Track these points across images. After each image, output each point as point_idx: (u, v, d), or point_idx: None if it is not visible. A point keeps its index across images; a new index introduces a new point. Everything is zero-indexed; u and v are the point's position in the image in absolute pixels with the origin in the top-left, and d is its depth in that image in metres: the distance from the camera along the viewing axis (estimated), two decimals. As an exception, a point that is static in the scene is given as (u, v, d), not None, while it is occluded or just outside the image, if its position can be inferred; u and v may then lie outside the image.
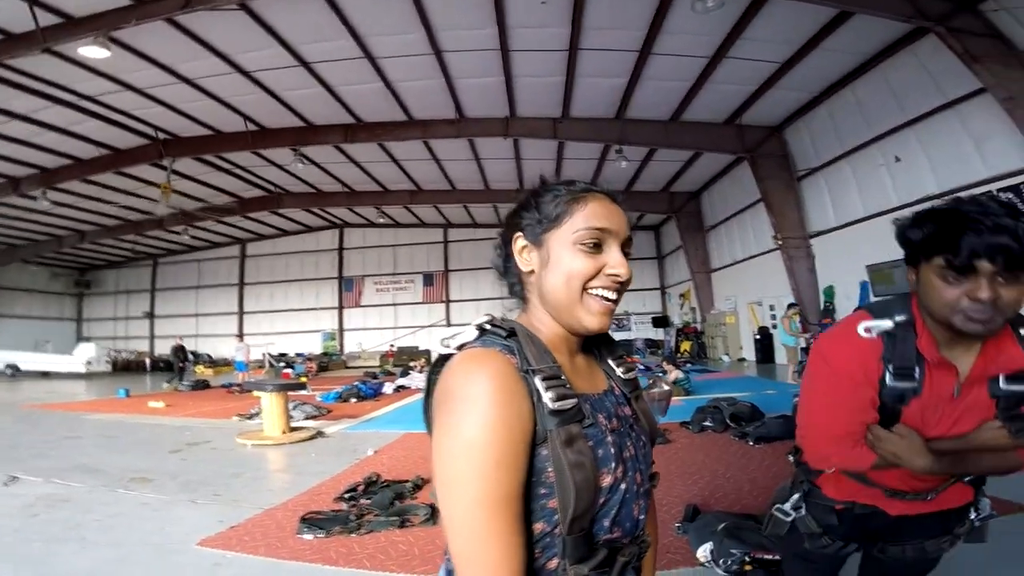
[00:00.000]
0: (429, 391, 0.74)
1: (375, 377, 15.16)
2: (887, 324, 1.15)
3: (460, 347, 0.73)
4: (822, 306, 12.66)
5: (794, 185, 13.17)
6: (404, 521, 3.53)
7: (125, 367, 25.30)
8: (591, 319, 0.76)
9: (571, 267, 0.75)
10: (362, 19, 9.28)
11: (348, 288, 27.01)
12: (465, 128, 13.43)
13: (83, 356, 21.68)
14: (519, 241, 0.81)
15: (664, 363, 9.84)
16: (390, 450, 6.02)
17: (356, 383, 12.01)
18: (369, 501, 3.99)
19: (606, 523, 0.71)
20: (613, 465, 0.72)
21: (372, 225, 25.53)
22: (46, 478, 5.00)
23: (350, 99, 12.38)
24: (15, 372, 21.09)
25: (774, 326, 14.64)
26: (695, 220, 19.38)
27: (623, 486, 0.73)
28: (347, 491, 4.21)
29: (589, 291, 0.76)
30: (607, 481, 0.70)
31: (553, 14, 9.01)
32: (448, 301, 25.85)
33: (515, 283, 0.85)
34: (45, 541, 3.43)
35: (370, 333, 26.26)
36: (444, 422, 0.65)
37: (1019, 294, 1.00)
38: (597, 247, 0.76)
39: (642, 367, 15.09)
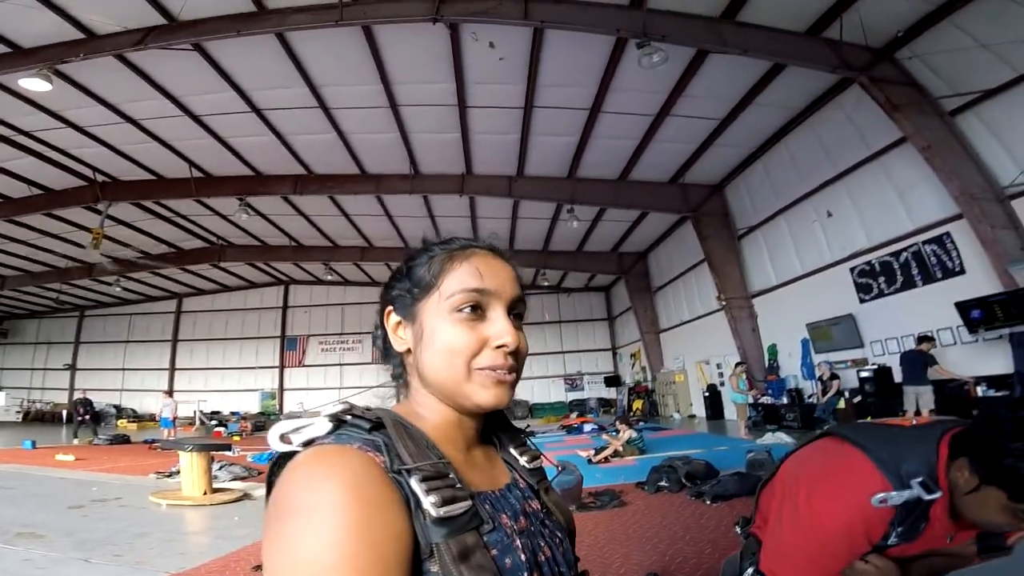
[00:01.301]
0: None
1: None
2: (909, 496, 1.06)
3: (307, 443, 0.57)
4: (766, 364, 12.93)
5: (735, 244, 13.69)
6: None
7: (38, 418, 23.71)
8: (485, 395, 0.63)
9: (450, 342, 0.63)
10: (319, 68, 9.29)
11: (291, 347, 25.89)
12: (420, 184, 13.43)
13: (-10, 404, 19.80)
14: (391, 317, 0.70)
15: (617, 423, 9.72)
16: (322, 515, 5.47)
17: (292, 444, 11.16)
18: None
19: None
20: (527, 575, 0.57)
21: (319, 282, 24.84)
22: (-80, 527, 4.42)
23: (302, 149, 12.24)
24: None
25: (722, 383, 14.85)
26: (643, 281, 19.85)
27: None
28: (267, 559, 3.69)
29: (476, 369, 0.63)
30: None
31: (510, 70, 9.27)
32: (397, 361, 25.08)
33: (398, 365, 0.72)
34: None
35: (313, 393, 24.95)
36: (276, 544, 0.48)
37: None
38: (478, 312, 0.64)
39: (596, 426, 14.87)
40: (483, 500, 0.60)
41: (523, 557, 0.58)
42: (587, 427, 15.05)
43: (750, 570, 1.35)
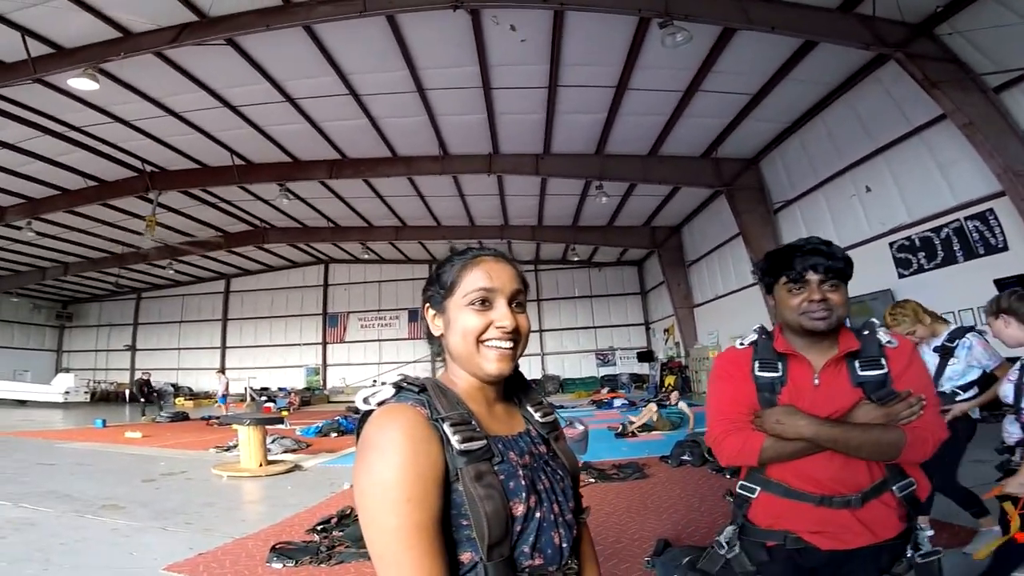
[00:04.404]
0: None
1: (357, 412, 14.87)
2: (752, 336, 1.58)
3: (380, 403, 0.83)
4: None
5: (771, 218, 13.36)
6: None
7: (104, 398, 25.14)
8: (490, 366, 0.86)
9: (465, 325, 0.86)
10: (347, 57, 9.50)
11: (332, 324, 26.92)
12: (449, 165, 13.64)
13: (62, 386, 21.43)
14: (429, 311, 0.95)
15: (668, 393, 9.93)
16: (365, 484, 5.93)
17: (337, 418, 11.83)
18: (342, 533, 3.94)
19: (526, 549, 0.78)
20: (525, 495, 0.79)
21: (357, 261, 25.58)
22: (15, 503, 5.01)
23: (335, 135, 12.56)
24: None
25: (756, 359, 14.69)
26: (677, 255, 19.62)
27: (538, 515, 0.80)
28: (320, 523, 4.16)
29: (484, 343, 0.86)
30: (520, 510, 0.78)
31: (532, 51, 9.26)
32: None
33: (437, 346, 0.96)
34: (8, 562, 3.44)
35: (354, 368, 25.97)
36: (361, 467, 0.74)
37: (843, 296, 1.39)
38: (486, 304, 0.87)
39: (626, 402, 15.08)
40: (497, 441, 0.82)
41: (524, 483, 0.80)
42: (617, 402, 15.28)
43: (729, 528, 1.52)
